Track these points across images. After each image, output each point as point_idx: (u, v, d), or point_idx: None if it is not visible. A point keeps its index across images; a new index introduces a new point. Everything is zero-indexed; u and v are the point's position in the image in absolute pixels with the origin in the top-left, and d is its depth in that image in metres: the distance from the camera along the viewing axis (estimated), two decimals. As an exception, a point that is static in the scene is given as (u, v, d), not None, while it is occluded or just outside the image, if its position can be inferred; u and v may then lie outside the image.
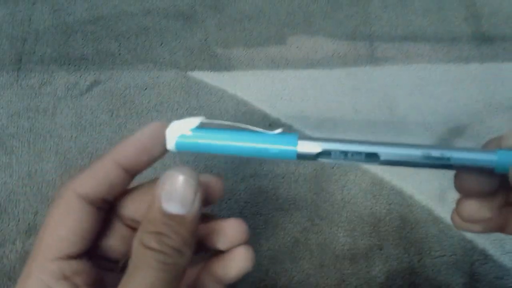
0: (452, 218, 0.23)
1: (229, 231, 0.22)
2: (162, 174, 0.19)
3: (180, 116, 0.20)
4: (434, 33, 0.45)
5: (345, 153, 0.20)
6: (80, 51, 0.43)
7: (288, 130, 0.40)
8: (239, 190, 0.38)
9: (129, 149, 0.20)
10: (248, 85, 0.42)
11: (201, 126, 0.21)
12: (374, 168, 0.39)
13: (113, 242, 0.22)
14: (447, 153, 0.19)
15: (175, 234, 0.18)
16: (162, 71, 0.42)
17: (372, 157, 0.20)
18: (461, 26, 0.46)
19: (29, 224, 0.35)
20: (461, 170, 0.20)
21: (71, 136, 0.39)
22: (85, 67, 0.42)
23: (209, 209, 0.23)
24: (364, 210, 0.37)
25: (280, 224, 0.37)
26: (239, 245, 0.22)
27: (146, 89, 0.41)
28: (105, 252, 0.22)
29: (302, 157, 0.20)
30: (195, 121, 0.20)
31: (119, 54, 0.43)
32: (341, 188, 0.38)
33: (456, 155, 0.19)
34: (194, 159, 0.39)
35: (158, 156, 0.21)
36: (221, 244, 0.22)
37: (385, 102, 0.42)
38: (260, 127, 0.20)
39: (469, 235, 0.37)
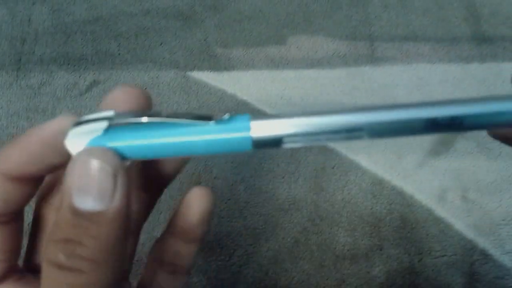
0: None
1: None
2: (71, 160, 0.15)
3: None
4: (434, 33, 0.45)
5: (315, 133, 0.14)
6: (79, 51, 0.43)
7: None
8: (239, 190, 0.38)
9: (14, 158, 0.15)
10: (248, 85, 0.42)
11: (119, 124, 0.15)
12: (375, 168, 0.39)
13: None
14: (458, 110, 0.14)
15: (91, 239, 0.14)
16: (161, 71, 0.42)
17: (355, 133, 0.14)
18: (461, 26, 0.46)
19: (29, 224, 0.35)
20: (477, 129, 0.15)
21: (71, 136, 0.39)
22: (84, 67, 0.42)
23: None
24: (365, 210, 0.37)
25: (280, 224, 0.37)
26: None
27: (145, 89, 0.41)
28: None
29: (260, 144, 0.14)
30: (102, 121, 0.15)
31: (119, 54, 0.43)
32: (342, 188, 0.38)
33: (470, 111, 0.14)
34: (193, 159, 0.39)
35: (60, 164, 0.15)
36: (167, 165, 0.18)
37: (385, 102, 0.42)
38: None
39: (469, 235, 0.37)
